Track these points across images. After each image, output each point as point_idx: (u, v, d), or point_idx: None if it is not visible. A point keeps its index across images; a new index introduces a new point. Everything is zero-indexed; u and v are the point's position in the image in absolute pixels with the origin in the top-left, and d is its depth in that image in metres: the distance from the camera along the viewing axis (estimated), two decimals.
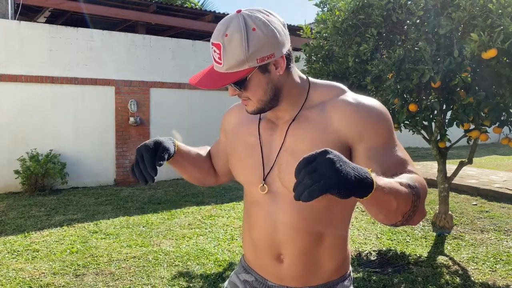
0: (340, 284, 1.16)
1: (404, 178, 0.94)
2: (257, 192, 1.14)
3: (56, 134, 6.68)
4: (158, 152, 1.07)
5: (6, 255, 3.85)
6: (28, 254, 3.89)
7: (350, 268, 1.22)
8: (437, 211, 4.75)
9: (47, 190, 6.23)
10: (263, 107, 1.07)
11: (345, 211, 1.15)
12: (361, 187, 0.78)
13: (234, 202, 5.87)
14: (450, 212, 4.74)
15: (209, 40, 8.08)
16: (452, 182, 4.72)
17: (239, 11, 1.00)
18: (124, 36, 7.28)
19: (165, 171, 7.45)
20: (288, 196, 1.08)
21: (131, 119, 7.25)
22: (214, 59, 1.01)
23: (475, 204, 5.85)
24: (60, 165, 6.30)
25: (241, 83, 1.02)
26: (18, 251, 3.95)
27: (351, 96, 1.08)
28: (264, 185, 1.12)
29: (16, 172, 6.11)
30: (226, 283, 1.31)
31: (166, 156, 1.09)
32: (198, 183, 1.39)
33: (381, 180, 0.84)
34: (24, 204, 5.59)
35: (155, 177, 1.04)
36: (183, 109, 7.77)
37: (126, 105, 7.25)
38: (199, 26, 8.27)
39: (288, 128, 1.09)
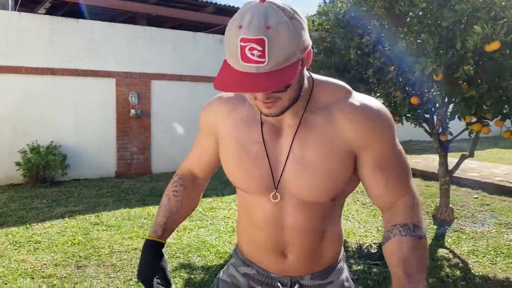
0: (337, 266, 1.20)
1: (413, 224, 1.01)
2: (264, 200, 1.09)
3: (57, 126, 6.67)
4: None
5: (8, 246, 3.86)
6: (30, 245, 3.90)
7: (343, 249, 1.26)
8: (438, 204, 4.75)
9: (48, 182, 6.24)
10: (289, 106, 0.97)
11: (343, 205, 1.19)
12: None
13: (235, 195, 5.88)
14: (451, 205, 4.75)
15: (210, 32, 8.00)
16: (454, 175, 4.72)
17: (263, 0, 0.88)
18: (124, 28, 7.25)
19: (167, 163, 7.46)
20: (297, 204, 1.07)
21: (132, 111, 7.24)
22: (250, 58, 0.85)
23: (476, 197, 5.86)
24: (61, 157, 6.30)
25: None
26: (20, 242, 3.97)
27: (357, 99, 1.04)
28: (276, 193, 1.07)
29: (17, 164, 6.11)
30: (223, 275, 1.28)
31: (169, 277, 1.16)
32: None
33: (415, 275, 0.95)
34: (26, 195, 5.61)
35: None
36: (184, 101, 7.75)
37: (127, 97, 7.23)
38: (200, 17, 8.23)
39: (295, 134, 1.03)
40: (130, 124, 7.31)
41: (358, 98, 1.04)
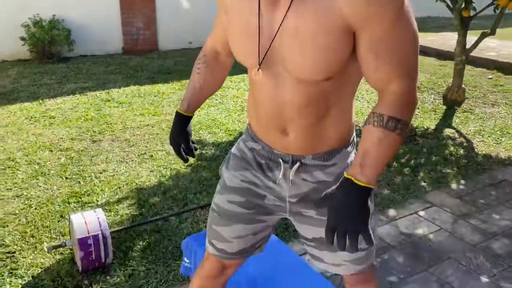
0: (344, 150, 1.20)
1: (391, 116, 0.96)
2: (257, 74, 1.09)
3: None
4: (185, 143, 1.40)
5: (24, 121, 3.98)
6: (45, 120, 4.01)
7: (354, 135, 1.25)
8: (450, 84, 4.68)
9: (55, 58, 6.17)
10: None
11: (353, 87, 1.13)
12: (367, 200, 0.96)
13: (244, 75, 5.81)
14: (463, 86, 4.67)
15: None
16: (470, 54, 4.55)
17: None
18: None
19: (174, 40, 7.25)
20: (291, 79, 1.04)
21: None
22: None
23: (491, 78, 5.74)
24: (65, 32, 6.13)
25: None
26: (35, 117, 4.08)
27: None
28: (259, 70, 1.06)
29: (22, 38, 5.98)
30: (234, 150, 1.33)
31: (191, 146, 1.42)
32: None
33: (369, 169, 0.96)
34: (35, 72, 5.60)
35: (192, 157, 1.43)
36: None
37: None
38: None
39: (290, 5, 0.96)
40: None
41: None
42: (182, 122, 1.38)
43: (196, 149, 1.44)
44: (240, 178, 1.27)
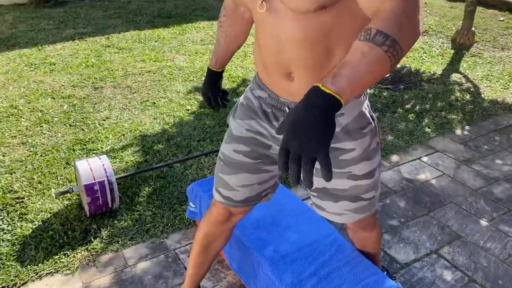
0: (354, 99, 1.15)
1: (376, 24, 0.81)
2: (258, 11, 1.05)
3: None
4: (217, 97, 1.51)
5: (24, 68, 3.93)
6: (45, 67, 3.95)
7: None
8: (460, 27, 4.53)
9: (52, 1, 5.98)
10: None
11: (357, 23, 1.00)
12: (332, 117, 0.76)
13: None
14: (473, 29, 4.52)
15: None
16: None
17: None
18: None
19: None
20: (290, 14, 0.99)
21: None
22: None
23: (502, 20, 5.55)
24: None
25: None
26: (35, 64, 4.02)
27: None
28: (263, 2, 1.02)
29: None
30: (241, 99, 1.32)
31: (218, 100, 1.52)
32: None
33: (342, 80, 0.76)
34: (32, 16, 5.44)
35: (220, 108, 1.53)
36: None
37: None
38: None
39: None
40: None
41: None
42: (211, 77, 1.46)
43: (228, 101, 1.55)
44: (245, 127, 1.26)
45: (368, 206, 1.29)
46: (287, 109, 1.17)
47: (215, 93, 1.49)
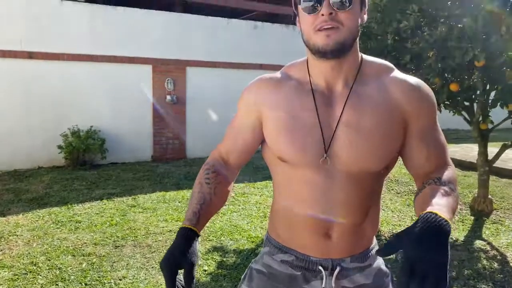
0: (373, 249, 1.20)
1: (448, 181, 1.01)
2: (311, 171, 1.07)
3: (96, 111, 6.89)
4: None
5: (51, 225, 4.06)
6: (71, 225, 4.09)
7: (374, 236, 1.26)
8: (476, 195, 4.61)
9: (88, 165, 6.49)
10: (349, 41, 1.00)
11: (384, 182, 1.21)
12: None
13: (267, 181, 5.91)
14: (490, 196, 4.59)
15: (243, 18, 7.95)
16: (494, 165, 4.55)
17: None
18: (161, 15, 7.35)
19: (202, 148, 7.56)
20: (347, 174, 1.05)
21: (168, 97, 7.37)
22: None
23: None
24: (100, 141, 6.53)
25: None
26: (62, 221, 4.17)
27: (403, 74, 1.11)
28: (327, 158, 1.05)
29: (59, 147, 6.38)
30: (256, 265, 1.24)
31: (194, 273, 0.97)
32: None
33: (446, 210, 0.88)
34: (67, 177, 5.86)
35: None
36: (218, 86, 7.81)
37: (163, 83, 7.37)
38: (233, 3, 8.23)
39: (346, 101, 1.05)
40: (166, 110, 7.45)
41: (403, 74, 1.11)
42: (189, 240, 1.02)
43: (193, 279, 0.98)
44: None
45: None
46: (320, 268, 1.13)
47: (190, 262, 0.97)
